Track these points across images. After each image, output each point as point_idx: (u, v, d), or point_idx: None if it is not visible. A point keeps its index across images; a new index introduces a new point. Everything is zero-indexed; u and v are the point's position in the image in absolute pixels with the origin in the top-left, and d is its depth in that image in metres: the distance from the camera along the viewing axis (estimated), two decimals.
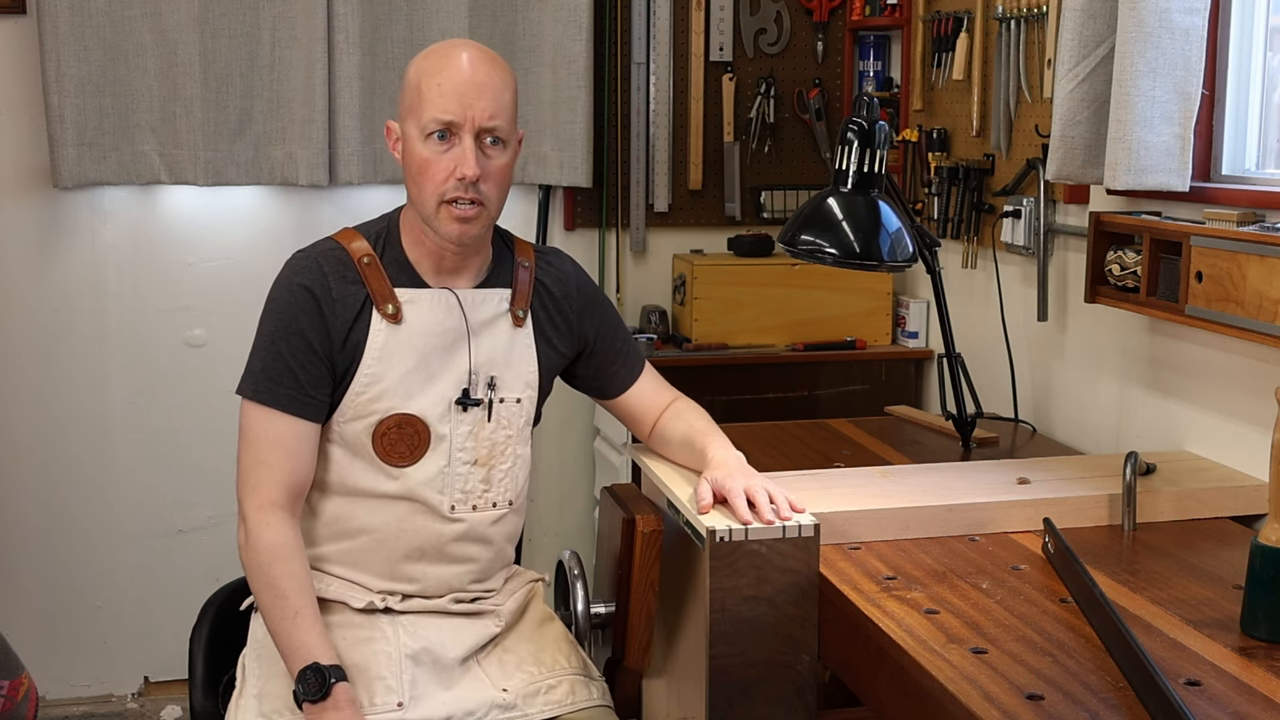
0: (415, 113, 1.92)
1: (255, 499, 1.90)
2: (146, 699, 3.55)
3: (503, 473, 2.03)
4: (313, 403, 1.93)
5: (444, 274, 2.01)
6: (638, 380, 2.20)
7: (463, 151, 1.90)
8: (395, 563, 1.99)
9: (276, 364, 1.92)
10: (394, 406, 1.95)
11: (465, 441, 1.99)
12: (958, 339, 2.71)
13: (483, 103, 1.91)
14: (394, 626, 1.98)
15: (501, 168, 1.95)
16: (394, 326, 1.96)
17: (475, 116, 1.90)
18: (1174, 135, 2.26)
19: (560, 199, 3.63)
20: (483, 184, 1.92)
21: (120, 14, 3.23)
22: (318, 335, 1.93)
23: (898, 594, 1.86)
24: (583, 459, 3.73)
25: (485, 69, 1.93)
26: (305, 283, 1.94)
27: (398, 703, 1.90)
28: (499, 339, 2.03)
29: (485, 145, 1.92)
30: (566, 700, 2.00)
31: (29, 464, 3.43)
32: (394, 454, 1.96)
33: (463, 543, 2.01)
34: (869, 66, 3.59)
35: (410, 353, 1.96)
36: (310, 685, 1.81)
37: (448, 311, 1.99)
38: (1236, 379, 2.31)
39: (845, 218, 2.39)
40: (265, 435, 1.91)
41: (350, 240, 2.00)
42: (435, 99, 1.90)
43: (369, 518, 1.98)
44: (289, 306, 1.94)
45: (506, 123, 1.94)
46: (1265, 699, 1.52)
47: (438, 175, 1.91)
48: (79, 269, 3.39)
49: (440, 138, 1.91)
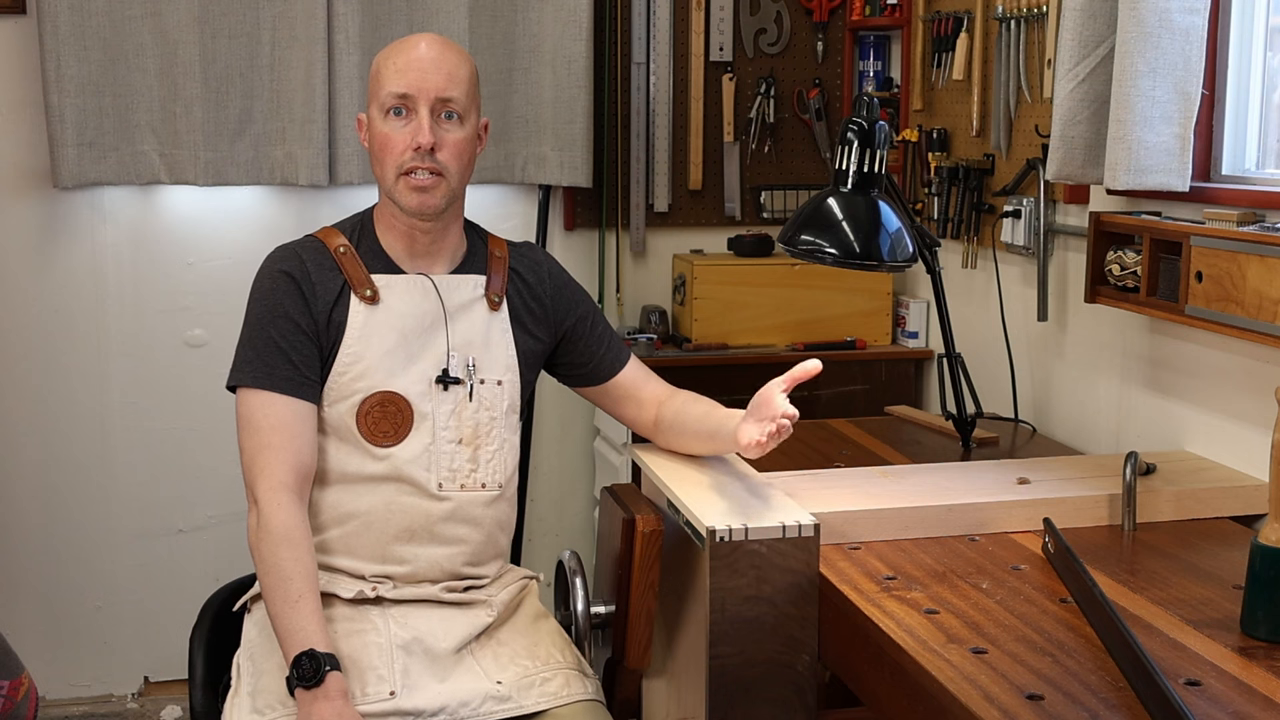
0: (375, 96, 2.01)
1: (266, 481, 1.92)
2: (146, 699, 3.55)
3: (490, 454, 2.06)
4: (308, 383, 1.98)
5: (418, 259, 2.07)
6: (625, 366, 2.23)
7: (418, 123, 1.97)
8: (386, 544, 2.01)
9: (269, 349, 1.97)
10: (376, 385, 2.00)
11: (449, 420, 2.03)
12: (958, 339, 2.71)
13: (437, 77, 1.98)
14: (384, 618, 1.99)
15: (459, 140, 2.01)
16: (372, 308, 2.02)
17: (429, 89, 1.97)
18: (1174, 135, 2.26)
19: (560, 199, 3.63)
20: (439, 153, 1.98)
21: (120, 14, 3.23)
22: (303, 317, 1.99)
23: (898, 594, 1.86)
24: (583, 459, 3.73)
25: (439, 48, 2.02)
26: (286, 269, 2.02)
27: (390, 691, 1.91)
28: (475, 322, 2.07)
29: (441, 120, 1.99)
30: (561, 693, 2.00)
31: (29, 464, 3.43)
32: (378, 433, 2.00)
33: (452, 523, 2.03)
34: (869, 66, 3.59)
35: (389, 333, 2.02)
36: (305, 670, 1.82)
37: (424, 295, 2.05)
38: (1236, 379, 2.31)
39: (845, 218, 2.39)
40: (268, 420, 1.95)
41: (328, 236, 2.08)
42: (391, 75, 1.99)
43: (357, 501, 2.01)
44: (272, 292, 2.01)
45: (463, 96, 2.01)
46: (1265, 699, 1.52)
47: (396, 147, 1.99)
48: (79, 269, 3.39)
49: (397, 113, 1.99)
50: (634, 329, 3.54)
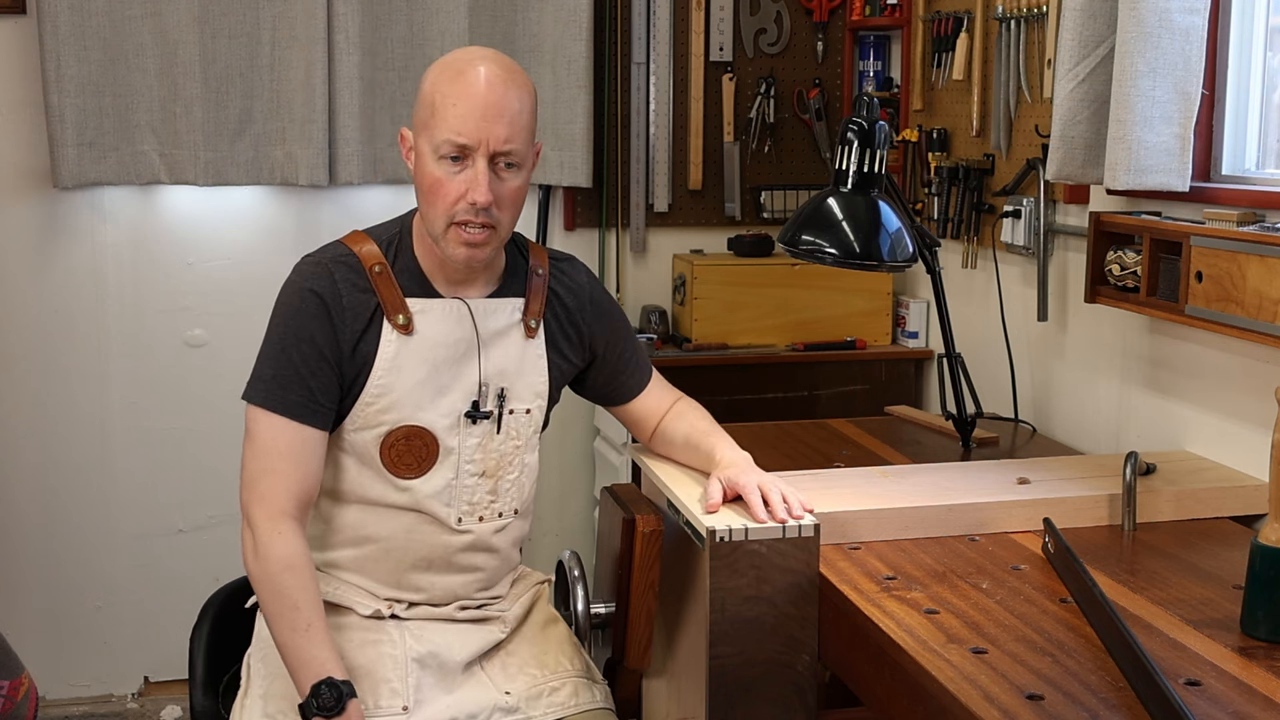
0: (429, 130, 1.87)
1: (264, 508, 1.87)
2: (146, 699, 3.55)
3: (510, 483, 2.02)
4: (322, 410, 1.90)
5: (456, 283, 1.98)
6: (645, 389, 2.19)
7: (475, 175, 1.85)
8: (403, 572, 1.99)
9: (286, 370, 1.89)
10: (403, 418, 1.93)
11: (474, 454, 1.98)
12: (958, 339, 2.71)
13: (499, 127, 1.85)
14: (400, 631, 1.97)
15: (515, 189, 1.90)
16: (405, 337, 1.93)
17: (490, 140, 1.84)
18: (1174, 135, 2.26)
19: (560, 199, 3.63)
20: (495, 208, 1.87)
21: (120, 14, 3.23)
22: (328, 342, 1.90)
23: (898, 594, 1.86)
24: (583, 459, 3.73)
25: (502, 88, 1.86)
26: (315, 288, 1.91)
27: (403, 706, 1.90)
28: (510, 350, 2.01)
29: (499, 169, 1.87)
30: (569, 703, 2.00)
31: (29, 464, 3.43)
32: (401, 466, 1.94)
33: (469, 553, 2.00)
34: (869, 66, 3.59)
35: (421, 364, 1.94)
36: (325, 700, 1.79)
37: (459, 322, 1.97)
38: (1236, 379, 2.31)
39: (845, 218, 2.39)
40: (275, 443, 1.88)
41: (361, 245, 1.96)
42: (450, 119, 1.84)
43: (377, 526, 1.97)
44: (299, 312, 1.91)
45: (523, 144, 1.89)
46: (1265, 699, 1.52)
47: (449, 196, 1.86)
48: (79, 269, 3.39)
49: (453, 160, 1.86)
50: (634, 329, 3.53)
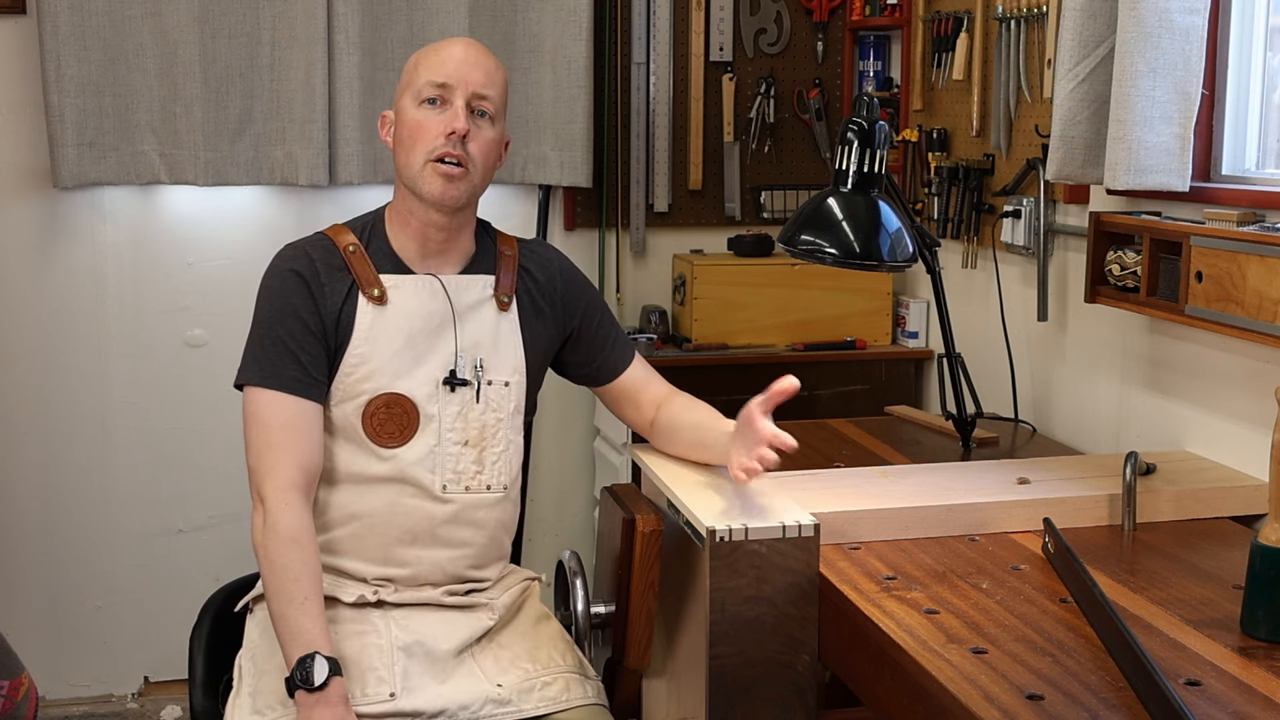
0: (411, 86, 2.02)
1: (273, 480, 1.92)
2: (146, 699, 3.55)
3: (495, 455, 2.05)
4: (316, 383, 1.98)
5: (429, 259, 2.06)
6: (630, 366, 2.22)
7: (454, 112, 1.98)
8: (388, 547, 2.01)
9: (277, 348, 1.97)
10: (382, 386, 2.00)
11: (454, 422, 2.02)
12: (958, 339, 2.71)
13: (476, 73, 2.00)
14: (385, 620, 1.99)
15: (489, 139, 2.02)
16: (380, 308, 2.01)
17: (468, 82, 1.99)
18: (1174, 135, 2.26)
19: (560, 199, 3.63)
20: (470, 144, 1.99)
21: (120, 14, 3.23)
22: (312, 316, 1.99)
23: (898, 594, 1.86)
24: (583, 459, 3.73)
25: (478, 50, 2.04)
26: (295, 268, 2.01)
27: (390, 693, 1.91)
28: (484, 323, 2.07)
29: (475, 116, 2.00)
30: (561, 697, 2.00)
31: (29, 464, 3.43)
32: (384, 434, 2.00)
33: (454, 525, 2.03)
34: (869, 66, 3.59)
35: (397, 334, 2.01)
36: (309, 673, 1.81)
37: (432, 295, 2.04)
38: (1236, 379, 2.31)
39: (845, 218, 2.39)
40: (276, 419, 1.94)
41: (337, 234, 2.07)
42: (431, 66, 2.01)
43: (360, 503, 2.01)
44: (281, 291, 2.00)
45: (498, 97, 2.03)
46: (1265, 699, 1.52)
47: (429, 134, 1.98)
48: (79, 269, 3.39)
49: (432, 103, 1.99)
50: (634, 329, 3.54)
